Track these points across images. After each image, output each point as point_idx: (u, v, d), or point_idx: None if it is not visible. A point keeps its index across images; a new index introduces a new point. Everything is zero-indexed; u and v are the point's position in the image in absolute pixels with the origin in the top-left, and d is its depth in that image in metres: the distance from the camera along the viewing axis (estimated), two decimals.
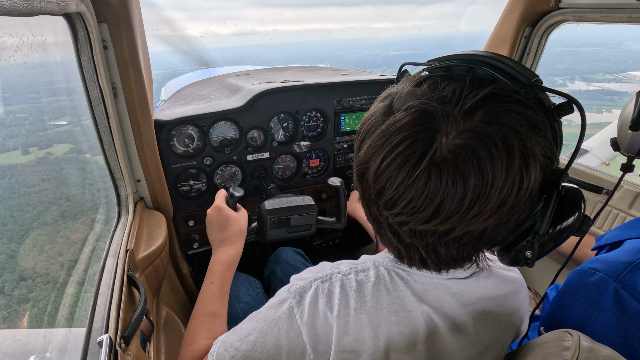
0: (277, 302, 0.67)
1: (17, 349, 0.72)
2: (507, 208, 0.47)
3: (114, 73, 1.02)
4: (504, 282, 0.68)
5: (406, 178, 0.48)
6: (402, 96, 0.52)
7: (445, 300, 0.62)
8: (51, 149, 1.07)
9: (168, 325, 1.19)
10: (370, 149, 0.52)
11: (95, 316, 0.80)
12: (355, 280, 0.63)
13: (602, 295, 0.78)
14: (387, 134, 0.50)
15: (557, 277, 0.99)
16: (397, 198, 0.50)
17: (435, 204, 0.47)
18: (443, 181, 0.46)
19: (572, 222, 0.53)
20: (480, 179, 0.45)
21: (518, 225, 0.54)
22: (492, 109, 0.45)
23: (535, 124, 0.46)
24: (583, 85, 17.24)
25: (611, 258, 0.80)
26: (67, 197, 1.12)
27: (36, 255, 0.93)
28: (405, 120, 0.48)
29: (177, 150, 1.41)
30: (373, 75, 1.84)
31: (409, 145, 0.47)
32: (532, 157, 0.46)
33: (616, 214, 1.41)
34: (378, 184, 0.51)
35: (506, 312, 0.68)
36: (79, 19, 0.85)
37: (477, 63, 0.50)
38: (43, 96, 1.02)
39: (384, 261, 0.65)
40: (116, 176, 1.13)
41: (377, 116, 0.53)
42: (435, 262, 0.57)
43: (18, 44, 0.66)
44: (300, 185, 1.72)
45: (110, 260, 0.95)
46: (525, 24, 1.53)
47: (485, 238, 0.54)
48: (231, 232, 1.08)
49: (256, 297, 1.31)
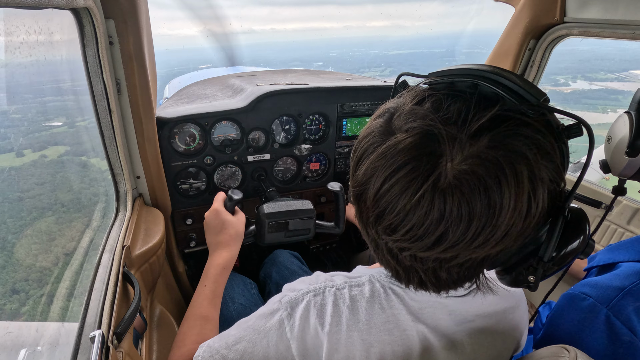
0: (267, 312, 0.65)
1: (9, 341, 0.71)
2: (514, 236, 0.45)
3: (118, 69, 1.02)
4: (503, 298, 0.66)
5: (408, 204, 0.45)
6: (402, 114, 0.49)
7: (442, 318, 0.61)
8: (46, 150, 1.04)
9: (161, 324, 1.19)
10: (369, 170, 0.49)
11: (89, 311, 0.80)
12: (349, 296, 0.61)
13: (593, 321, 0.77)
14: (387, 156, 0.47)
15: (551, 293, 0.99)
16: (397, 224, 0.47)
17: (438, 232, 0.45)
18: (447, 208, 0.43)
19: (577, 246, 0.51)
20: (487, 207, 0.42)
21: (521, 248, 0.51)
22: (499, 133, 0.43)
23: (543, 148, 0.44)
24: (585, 84, 17.06)
25: (603, 283, 0.79)
26: (62, 202, 1.09)
27: (33, 251, 0.93)
28: (407, 142, 0.45)
29: (178, 148, 1.41)
30: (377, 81, 1.84)
31: (411, 169, 0.44)
32: (541, 183, 0.44)
33: (614, 229, 1.41)
34: (377, 208, 0.49)
35: (505, 328, 0.66)
36: (86, 14, 0.85)
37: (482, 79, 0.47)
38: (39, 96, 1.00)
39: (380, 277, 0.63)
40: (116, 172, 1.13)
41: (376, 134, 0.50)
42: (435, 284, 0.55)
43: (17, 42, 0.66)
44: (299, 188, 1.72)
45: (107, 255, 0.95)
46: (529, 37, 1.54)
47: (488, 262, 0.52)
48: (227, 236, 1.08)
49: (251, 299, 1.31)
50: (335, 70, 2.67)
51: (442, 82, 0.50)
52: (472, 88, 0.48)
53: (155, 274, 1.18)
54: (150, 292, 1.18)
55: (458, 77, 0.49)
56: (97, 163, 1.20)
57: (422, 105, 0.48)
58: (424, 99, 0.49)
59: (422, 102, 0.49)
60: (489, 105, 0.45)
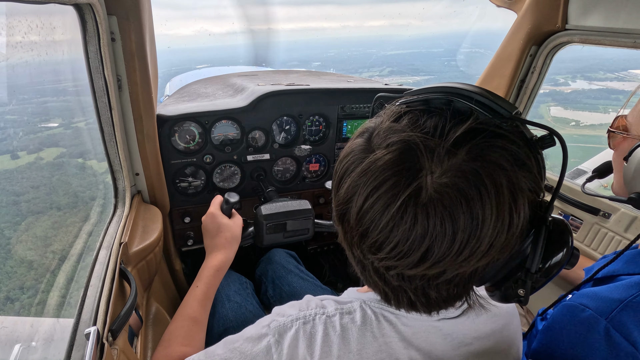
0: (255, 335, 0.63)
1: (3, 336, 0.71)
2: (499, 247, 0.46)
3: (120, 66, 1.02)
4: (497, 315, 0.65)
5: (391, 220, 0.45)
6: (381, 132, 0.50)
7: (436, 342, 0.59)
8: (42, 152, 1.02)
9: (157, 321, 1.19)
10: (350, 189, 0.49)
11: (85, 307, 0.79)
12: (340, 324, 0.59)
13: (592, 334, 0.76)
14: (367, 173, 0.47)
15: (542, 298, 0.99)
16: (382, 242, 0.47)
17: (423, 248, 0.44)
18: (431, 223, 0.43)
19: (562, 257, 0.52)
20: (469, 219, 0.43)
21: (508, 261, 0.52)
22: (476, 145, 0.44)
23: (520, 158, 0.45)
24: (585, 84, 16.99)
25: (602, 294, 0.78)
26: (58, 206, 1.06)
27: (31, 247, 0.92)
28: (386, 158, 0.46)
29: (177, 146, 1.41)
30: (378, 83, 1.85)
31: (392, 185, 0.45)
32: (520, 193, 0.45)
33: (612, 237, 1.41)
34: (361, 227, 0.48)
35: (503, 347, 0.65)
36: (89, 9, 0.85)
37: (456, 96, 0.48)
38: (36, 96, 0.98)
39: (371, 303, 0.61)
40: (115, 168, 1.13)
41: (356, 153, 0.51)
42: (425, 305, 0.54)
43: (14, 41, 0.65)
44: (298, 188, 1.72)
45: (104, 252, 0.95)
46: (531, 43, 1.54)
47: (477, 277, 0.52)
48: (223, 239, 1.10)
49: (246, 298, 1.31)
50: (334, 72, 2.67)
51: (418, 100, 0.51)
52: (446, 104, 0.49)
53: (152, 272, 1.17)
54: (146, 289, 1.18)
55: (432, 94, 0.50)
56: (95, 165, 1.17)
57: (399, 122, 0.49)
58: (401, 116, 0.50)
59: (400, 119, 0.50)
60: (464, 119, 0.46)
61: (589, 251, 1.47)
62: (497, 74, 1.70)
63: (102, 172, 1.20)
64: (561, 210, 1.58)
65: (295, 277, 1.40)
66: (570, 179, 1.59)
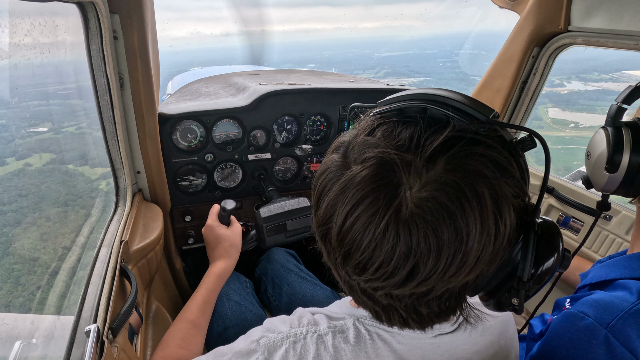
0: (244, 350, 0.61)
1: (4, 332, 0.71)
2: (487, 259, 0.44)
3: (122, 64, 1.02)
4: (493, 325, 0.63)
5: (373, 240, 0.42)
6: (356, 146, 0.47)
7: (433, 359, 0.57)
8: (30, 159, 0.96)
9: (157, 320, 1.19)
10: (329, 208, 0.47)
11: (85, 305, 0.80)
12: (332, 344, 0.56)
13: (592, 342, 0.75)
14: (345, 191, 0.45)
15: (543, 302, 0.98)
16: (365, 262, 0.44)
17: (408, 267, 0.42)
18: (414, 240, 0.41)
19: (554, 261, 0.50)
20: (454, 233, 0.41)
21: (499, 270, 0.50)
22: (454, 155, 0.42)
23: (500, 164, 0.43)
24: (580, 85, 16.93)
25: (602, 302, 0.78)
26: (48, 216, 1.00)
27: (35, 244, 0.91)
28: (363, 174, 0.43)
29: (179, 145, 1.41)
30: (379, 83, 1.85)
31: (371, 202, 0.42)
32: (504, 200, 0.43)
33: (613, 239, 1.40)
34: (343, 247, 0.46)
35: (502, 356, 0.64)
36: (92, 7, 0.85)
37: (430, 103, 0.46)
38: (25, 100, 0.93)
39: (364, 320, 0.59)
40: (116, 166, 1.13)
41: (332, 170, 0.48)
42: (418, 321, 0.52)
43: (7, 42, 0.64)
44: (299, 188, 1.72)
45: (104, 250, 0.95)
46: (533, 44, 1.54)
47: (468, 290, 0.50)
48: (222, 249, 1.16)
49: (246, 297, 1.31)
50: (336, 71, 2.66)
51: (392, 110, 0.49)
52: (421, 112, 0.47)
53: (153, 270, 1.18)
54: (146, 287, 1.18)
55: (405, 102, 0.48)
56: (87, 172, 1.16)
57: (373, 134, 0.47)
58: (375, 128, 0.48)
59: (373, 132, 0.47)
60: (440, 128, 0.44)
61: (590, 253, 1.47)
62: (499, 75, 1.70)
63: (94, 178, 1.18)
64: (562, 212, 1.58)
65: (295, 277, 1.40)
66: (571, 180, 1.59)
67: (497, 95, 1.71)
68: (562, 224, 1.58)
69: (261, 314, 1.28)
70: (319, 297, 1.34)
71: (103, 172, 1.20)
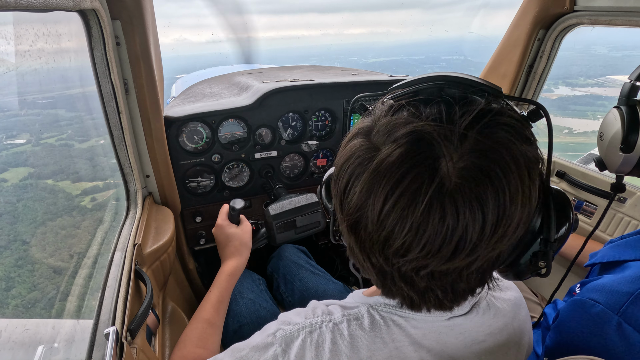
0: (262, 344, 0.62)
1: (27, 338, 0.73)
2: (525, 222, 0.45)
3: (125, 69, 1.03)
4: (505, 308, 0.64)
5: (418, 217, 0.42)
6: (381, 128, 0.47)
7: (448, 342, 0.58)
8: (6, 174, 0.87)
9: (173, 320, 1.21)
10: (363, 194, 0.45)
11: (103, 308, 0.81)
12: (348, 332, 0.57)
13: (605, 329, 0.75)
14: (381, 172, 0.43)
15: (560, 287, 0.97)
16: (410, 242, 0.43)
17: (456, 238, 0.42)
18: (461, 211, 0.41)
19: (570, 220, 0.52)
20: (496, 198, 0.41)
21: (520, 241, 0.50)
22: (486, 125, 0.43)
23: (520, 131, 0.45)
24: (568, 90, 16.82)
25: (611, 287, 0.77)
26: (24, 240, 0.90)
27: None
28: (398, 153, 0.43)
29: (186, 147, 1.43)
30: (383, 75, 1.83)
31: (412, 179, 0.42)
32: (532, 164, 0.45)
33: (628, 221, 1.38)
34: (383, 231, 0.45)
35: (516, 339, 0.64)
36: (93, 15, 0.86)
37: (447, 83, 0.48)
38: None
39: (379, 307, 0.59)
40: (126, 171, 1.15)
41: (359, 155, 0.47)
42: (452, 299, 0.53)
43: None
44: (307, 184, 1.72)
45: (118, 254, 0.97)
46: (538, 27, 1.51)
47: (501, 259, 0.51)
48: (232, 248, 1.17)
49: (259, 294, 1.32)
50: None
51: (410, 92, 0.49)
52: (437, 92, 0.48)
53: (166, 272, 1.19)
54: (161, 289, 1.20)
55: (421, 85, 0.49)
56: (68, 187, 1.04)
57: (399, 114, 0.47)
58: (398, 110, 0.47)
59: (398, 112, 0.47)
60: (466, 104, 0.45)
61: (604, 237, 1.45)
62: (504, 60, 1.67)
63: (76, 194, 1.08)
64: (575, 196, 1.55)
65: (306, 272, 1.41)
66: (582, 163, 1.56)
67: (504, 80, 1.68)
68: (575, 208, 1.56)
69: (275, 310, 1.29)
70: (331, 292, 1.35)
71: (85, 187, 1.12)
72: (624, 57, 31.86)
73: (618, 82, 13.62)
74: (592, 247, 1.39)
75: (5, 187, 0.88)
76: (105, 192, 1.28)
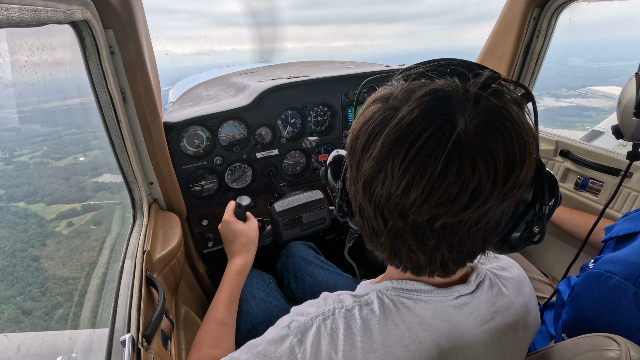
0: (277, 337, 0.63)
1: (45, 350, 0.74)
2: (529, 179, 0.50)
3: (122, 78, 1.03)
4: (507, 283, 0.66)
5: (437, 167, 0.45)
6: (399, 94, 0.50)
7: (458, 322, 0.59)
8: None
9: (187, 323, 1.22)
10: (385, 148, 0.48)
11: (117, 316, 0.82)
12: (360, 316, 0.59)
13: (621, 300, 0.75)
14: (403, 126, 0.46)
15: (572, 265, 0.97)
16: (428, 191, 0.46)
17: (471, 188, 0.45)
18: (477, 162, 0.45)
19: (558, 194, 0.57)
20: (506, 151, 0.46)
21: (514, 211, 0.55)
22: (494, 92, 0.48)
23: (521, 105, 0.50)
24: (552, 101, 16.97)
25: (626, 259, 0.77)
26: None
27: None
28: (419, 110, 0.46)
29: (187, 151, 1.43)
30: (379, 66, 1.82)
31: (433, 131, 0.45)
32: (529, 129, 0.49)
33: (635, 196, 1.37)
34: (402, 183, 0.47)
35: (522, 314, 0.65)
36: (86, 26, 0.86)
37: (452, 65, 0.52)
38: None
39: (387, 291, 0.61)
40: (129, 179, 1.15)
41: (379, 116, 0.50)
42: (457, 261, 0.55)
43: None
44: (310, 180, 1.72)
45: (128, 262, 0.98)
46: (533, 6, 1.49)
47: (502, 223, 0.53)
48: (239, 244, 1.16)
49: (270, 293, 1.33)
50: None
51: (421, 70, 0.53)
52: (445, 72, 0.51)
53: (177, 276, 1.20)
54: (173, 294, 1.21)
55: (431, 65, 0.53)
56: (41, 211, 0.97)
57: (416, 82, 0.50)
58: (415, 79, 0.51)
59: (415, 80, 0.51)
60: (474, 75, 0.49)
61: (612, 213, 1.44)
62: (501, 42, 1.65)
63: (50, 218, 0.97)
64: (580, 174, 1.54)
65: (316, 268, 1.41)
66: (586, 141, 1.55)
67: (501, 62, 1.67)
68: (580, 186, 1.55)
69: (287, 307, 1.30)
70: (341, 285, 1.35)
71: (62, 210, 1.05)
72: (601, 68, 31.89)
73: (600, 93, 13.44)
74: (601, 224, 1.39)
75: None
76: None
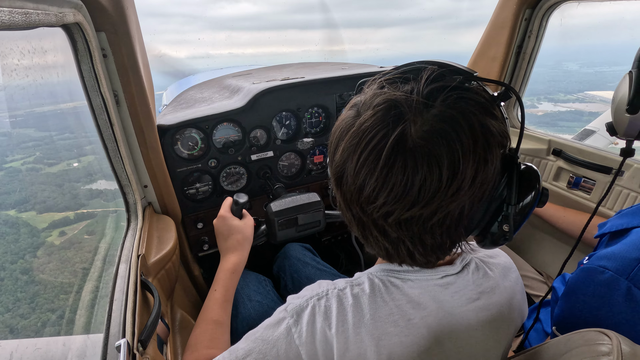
0: (274, 321, 0.66)
1: (38, 357, 0.73)
2: (479, 182, 0.52)
3: (115, 81, 1.02)
4: (494, 268, 0.69)
5: (384, 167, 0.51)
6: (366, 100, 0.56)
7: (444, 300, 0.62)
8: None
9: (183, 327, 1.21)
10: (345, 151, 0.55)
11: (112, 321, 0.81)
12: (352, 295, 0.63)
13: (613, 294, 0.76)
14: (359, 133, 0.53)
15: (566, 263, 0.98)
16: (378, 189, 0.52)
17: (416, 188, 0.50)
18: (419, 165, 0.49)
19: (534, 194, 0.58)
20: (451, 157, 0.49)
21: (488, 207, 0.58)
22: (448, 97, 0.51)
23: (485, 107, 0.52)
24: (551, 106, 17.24)
25: (620, 254, 0.78)
26: None
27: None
28: (375, 116, 0.52)
29: (181, 154, 1.42)
30: (373, 67, 1.82)
31: (381, 137, 0.51)
32: (491, 134, 0.51)
33: (627, 193, 1.39)
34: (358, 180, 0.54)
35: (506, 298, 0.68)
36: (77, 29, 0.85)
37: (428, 65, 0.56)
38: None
39: (377, 272, 0.66)
40: (123, 183, 1.14)
41: (347, 122, 0.57)
42: (423, 253, 0.59)
43: None
44: (305, 182, 1.72)
45: (123, 266, 0.97)
46: (524, 6, 1.51)
47: (464, 220, 0.56)
48: (234, 241, 1.13)
49: (267, 295, 1.32)
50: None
51: (395, 74, 0.58)
52: (420, 73, 0.55)
53: (172, 280, 1.19)
54: (169, 297, 1.20)
55: (406, 67, 0.58)
56: (32, 219, 0.92)
57: (382, 89, 0.56)
58: (382, 87, 0.57)
59: (382, 88, 0.56)
60: (437, 81, 0.53)
61: (605, 211, 1.45)
62: (493, 43, 1.67)
63: (41, 228, 0.95)
64: (572, 172, 1.56)
65: (312, 269, 1.41)
66: (578, 140, 1.57)
67: (494, 63, 1.68)
68: (573, 185, 1.57)
69: None
70: None
71: (54, 219, 1.02)
72: (596, 73, 32.41)
73: (597, 97, 13.60)
74: (594, 222, 1.40)
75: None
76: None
